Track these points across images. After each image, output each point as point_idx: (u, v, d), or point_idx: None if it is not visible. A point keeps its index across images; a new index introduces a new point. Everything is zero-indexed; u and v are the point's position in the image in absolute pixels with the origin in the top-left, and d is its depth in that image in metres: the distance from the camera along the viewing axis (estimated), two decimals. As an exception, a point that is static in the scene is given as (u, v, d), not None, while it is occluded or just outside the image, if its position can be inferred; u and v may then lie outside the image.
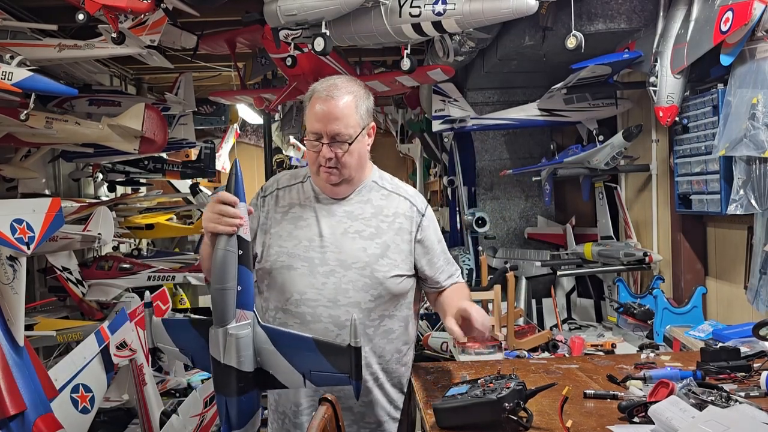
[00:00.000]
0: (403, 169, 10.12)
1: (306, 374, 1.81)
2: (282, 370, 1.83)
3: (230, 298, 1.78)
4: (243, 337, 1.79)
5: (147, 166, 6.46)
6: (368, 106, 2.11)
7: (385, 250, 2.09)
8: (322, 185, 2.15)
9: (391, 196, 2.16)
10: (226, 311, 1.78)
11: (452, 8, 2.98)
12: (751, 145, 2.53)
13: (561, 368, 2.38)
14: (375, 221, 2.11)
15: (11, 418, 2.60)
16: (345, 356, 1.73)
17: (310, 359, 1.79)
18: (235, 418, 1.84)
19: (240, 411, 1.83)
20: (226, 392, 1.82)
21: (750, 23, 2.48)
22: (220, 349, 1.79)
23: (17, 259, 2.70)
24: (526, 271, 4.49)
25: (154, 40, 3.66)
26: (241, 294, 1.80)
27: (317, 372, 1.79)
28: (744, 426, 1.43)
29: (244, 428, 1.86)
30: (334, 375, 1.77)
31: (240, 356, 1.79)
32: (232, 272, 1.78)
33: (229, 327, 1.78)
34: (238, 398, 1.81)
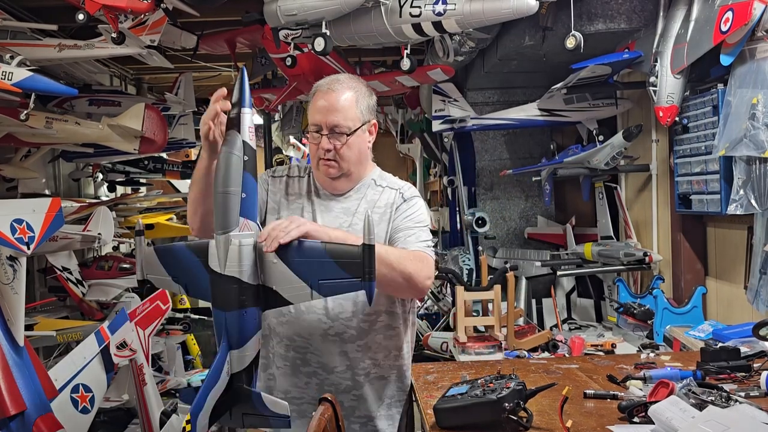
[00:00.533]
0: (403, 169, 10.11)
1: (314, 284, 1.71)
2: (287, 284, 1.73)
3: (234, 203, 1.69)
4: (246, 245, 1.71)
5: (147, 166, 6.45)
6: (369, 103, 2.14)
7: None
8: (322, 180, 2.17)
9: (385, 190, 2.18)
10: (229, 216, 1.70)
11: (452, 8, 2.99)
12: (751, 145, 2.53)
13: (561, 368, 2.38)
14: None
15: (11, 418, 2.60)
16: (356, 257, 1.65)
17: (319, 267, 1.70)
18: (236, 335, 1.74)
19: (241, 327, 1.73)
20: (226, 306, 1.72)
21: (750, 23, 2.49)
22: (221, 258, 1.71)
23: (17, 259, 2.70)
24: (526, 271, 4.49)
25: (154, 40, 3.66)
26: (246, 201, 1.72)
27: (327, 280, 1.70)
28: (744, 426, 1.43)
29: (244, 348, 1.76)
30: (345, 281, 1.68)
31: (242, 265, 1.70)
32: (237, 176, 1.69)
33: (231, 233, 1.70)
34: (239, 311, 1.72)
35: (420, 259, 2.02)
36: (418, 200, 2.18)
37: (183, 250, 1.86)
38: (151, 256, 1.88)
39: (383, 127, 8.34)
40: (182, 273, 1.86)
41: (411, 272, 1.96)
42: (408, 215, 2.12)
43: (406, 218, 2.12)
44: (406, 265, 1.95)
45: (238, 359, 1.76)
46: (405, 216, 2.12)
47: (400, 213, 2.12)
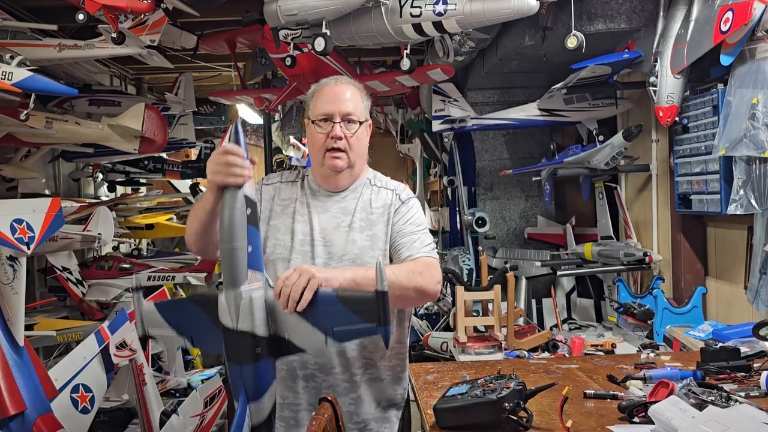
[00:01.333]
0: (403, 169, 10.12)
1: (328, 332, 1.70)
2: (300, 332, 1.73)
3: (241, 258, 1.68)
4: (257, 298, 1.71)
5: (147, 166, 6.46)
6: (367, 103, 2.19)
7: (375, 242, 2.11)
8: (324, 176, 2.18)
9: (381, 191, 2.20)
10: (238, 272, 1.68)
11: (453, 8, 2.99)
12: (751, 145, 2.53)
13: (561, 368, 2.38)
14: (364, 214, 2.15)
15: (11, 418, 2.60)
16: (370, 304, 1.65)
17: (332, 315, 1.70)
18: (253, 388, 1.73)
19: (258, 380, 1.73)
20: (241, 361, 1.71)
21: (750, 23, 2.49)
22: (232, 314, 1.70)
23: (17, 259, 2.70)
24: (526, 271, 4.49)
25: (154, 40, 3.66)
26: (252, 254, 1.71)
27: (341, 327, 1.70)
28: (744, 426, 1.43)
29: (262, 399, 1.75)
30: (360, 327, 1.68)
31: (255, 319, 1.69)
32: (242, 231, 1.69)
33: (242, 289, 1.69)
34: (255, 365, 1.71)
35: (428, 266, 2.04)
36: (415, 201, 2.21)
37: (187, 304, 1.87)
38: (151, 312, 1.86)
39: (383, 127, 8.34)
40: (187, 326, 1.86)
41: (422, 285, 1.98)
42: (408, 219, 2.14)
43: (407, 222, 2.13)
44: (416, 280, 1.97)
45: (257, 411, 1.76)
46: (405, 220, 2.13)
47: (400, 216, 2.14)
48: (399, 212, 2.14)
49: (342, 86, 2.14)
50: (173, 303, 1.92)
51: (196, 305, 1.82)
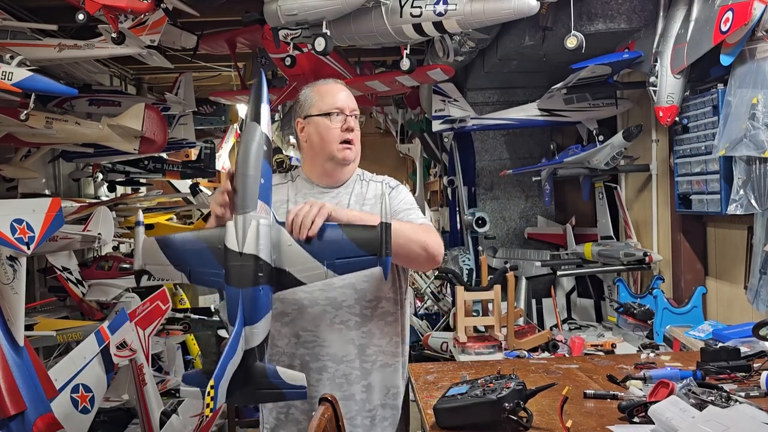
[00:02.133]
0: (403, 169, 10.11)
1: (329, 264, 1.79)
2: (301, 264, 1.80)
3: (253, 186, 1.78)
4: (264, 225, 1.79)
5: (147, 166, 6.45)
6: None
7: None
8: (329, 170, 2.24)
9: (370, 183, 2.30)
10: (249, 198, 1.78)
11: (453, 9, 2.99)
12: (751, 145, 2.53)
13: (561, 368, 2.38)
14: (358, 207, 2.21)
15: (11, 418, 2.60)
16: (373, 235, 1.74)
17: (335, 246, 1.78)
18: (250, 311, 1.78)
19: (256, 304, 1.78)
20: (242, 283, 1.77)
21: (750, 23, 2.49)
22: (239, 237, 1.77)
23: (17, 259, 2.70)
24: (526, 271, 4.49)
25: (154, 40, 3.66)
26: (263, 187, 1.80)
27: (342, 259, 1.78)
28: (744, 426, 1.43)
29: (257, 324, 1.80)
30: (360, 258, 1.76)
31: (260, 243, 1.77)
32: (257, 161, 1.79)
33: (251, 213, 1.77)
34: (255, 288, 1.77)
35: (429, 230, 2.14)
36: (404, 187, 2.33)
37: (188, 238, 1.92)
38: (152, 244, 1.92)
39: (383, 127, 8.34)
40: (186, 260, 1.91)
41: (426, 242, 2.05)
42: (401, 199, 2.24)
43: (400, 202, 2.23)
44: (420, 236, 2.05)
45: (251, 335, 1.79)
46: (399, 200, 2.24)
47: (392, 199, 2.23)
48: (391, 197, 2.23)
49: (342, 86, 2.26)
50: (174, 237, 1.95)
51: (198, 239, 1.89)
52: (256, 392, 1.81)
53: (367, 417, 2.16)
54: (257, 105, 1.87)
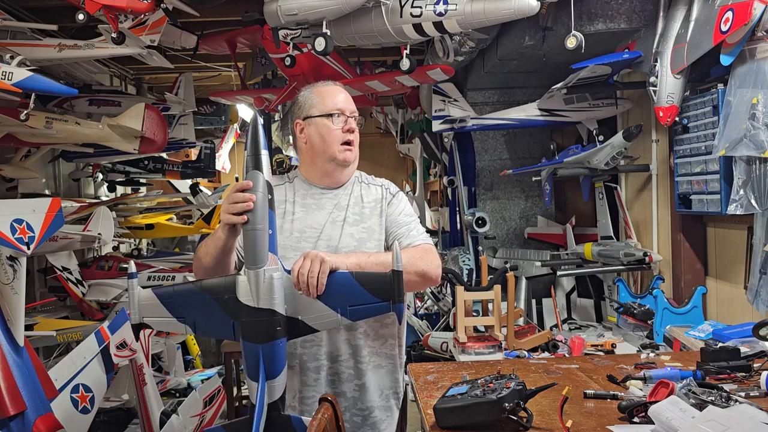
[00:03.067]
0: (403, 169, 10.11)
1: (343, 311, 1.80)
2: (315, 313, 1.81)
3: (263, 239, 1.78)
4: (277, 278, 1.78)
5: (147, 166, 6.46)
6: None
7: (371, 234, 2.21)
8: (329, 171, 2.25)
9: (369, 186, 2.31)
10: (260, 252, 1.77)
11: (454, 9, 2.99)
12: (751, 145, 2.53)
13: (561, 368, 2.38)
14: (358, 208, 2.24)
15: (11, 418, 2.60)
16: (386, 283, 1.75)
17: (347, 294, 1.79)
18: (271, 365, 1.79)
19: (275, 357, 1.79)
20: (260, 338, 1.78)
21: (750, 23, 2.49)
22: (254, 292, 1.77)
23: (17, 259, 2.70)
24: (526, 271, 4.49)
25: (154, 40, 3.66)
26: (271, 238, 1.81)
27: (356, 306, 1.79)
28: (744, 426, 1.43)
29: (278, 378, 1.81)
30: (374, 305, 1.77)
31: (275, 297, 1.77)
32: (264, 214, 1.79)
33: (264, 268, 1.77)
34: (273, 343, 1.78)
35: (427, 251, 2.16)
36: (403, 195, 2.35)
37: (191, 290, 1.88)
38: (150, 298, 1.90)
39: (383, 127, 8.34)
40: (190, 312, 1.88)
41: (424, 269, 2.09)
42: (401, 210, 2.27)
43: (401, 213, 2.26)
44: (418, 265, 2.08)
45: (271, 389, 1.81)
46: (399, 211, 2.26)
47: (394, 208, 2.26)
48: (392, 204, 2.27)
49: (342, 88, 2.28)
50: (175, 289, 1.91)
51: (203, 291, 1.85)
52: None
53: (358, 416, 2.19)
54: (256, 151, 1.82)
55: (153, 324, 1.91)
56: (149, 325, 1.91)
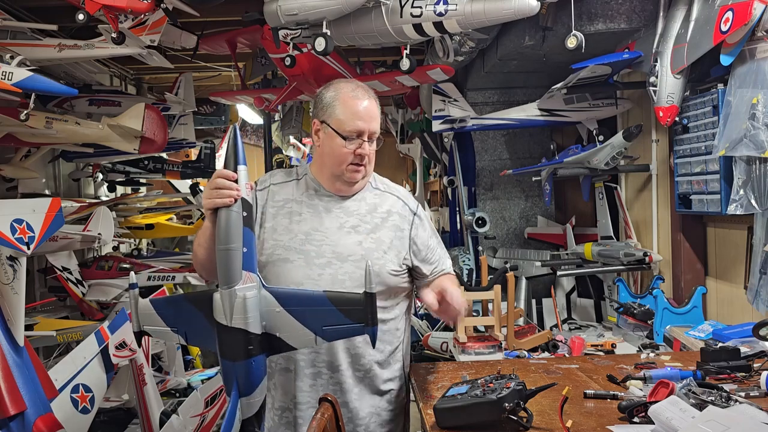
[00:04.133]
0: (403, 169, 10.11)
1: (318, 331, 1.80)
2: (291, 331, 1.81)
3: (236, 259, 1.76)
4: (251, 297, 1.78)
5: (147, 166, 6.45)
6: None
7: (380, 245, 2.15)
8: (335, 183, 2.19)
9: (384, 195, 2.25)
10: (233, 272, 1.76)
11: (454, 9, 2.98)
12: (751, 145, 2.53)
13: (561, 368, 2.38)
14: (369, 217, 2.18)
15: (11, 418, 2.60)
16: (359, 305, 1.74)
17: (322, 314, 1.78)
18: (245, 383, 1.80)
19: (250, 375, 1.80)
20: (234, 357, 1.79)
21: (750, 23, 2.49)
22: (226, 312, 1.77)
23: (17, 259, 2.70)
24: (526, 271, 4.49)
25: (154, 40, 3.66)
26: (247, 256, 1.79)
27: (330, 327, 1.79)
28: (744, 426, 1.43)
29: (253, 394, 1.83)
30: (348, 326, 1.77)
31: (248, 317, 1.77)
32: (238, 232, 1.77)
33: (236, 288, 1.76)
34: (246, 362, 1.79)
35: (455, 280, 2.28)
36: (422, 208, 2.31)
37: (182, 302, 1.91)
38: (147, 308, 1.92)
39: (383, 127, 8.34)
40: (182, 323, 1.91)
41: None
42: (429, 232, 2.26)
43: (430, 237, 2.26)
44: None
45: (247, 405, 1.83)
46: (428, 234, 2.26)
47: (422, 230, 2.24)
48: (416, 226, 2.23)
49: (370, 101, 2.15)
50: (168, 300, 1.97)
51: (190, 303, 1.88)
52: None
53: (360, 425, 2.17)
54: (233, 167, 1.81)
55: (152, 332, 1.94)
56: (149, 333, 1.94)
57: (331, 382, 2.13)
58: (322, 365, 2.13)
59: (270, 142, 7.61)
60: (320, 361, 2.13)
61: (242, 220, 1.78)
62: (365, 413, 2.17)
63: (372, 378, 2.17)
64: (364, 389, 2.16)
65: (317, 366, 2.13)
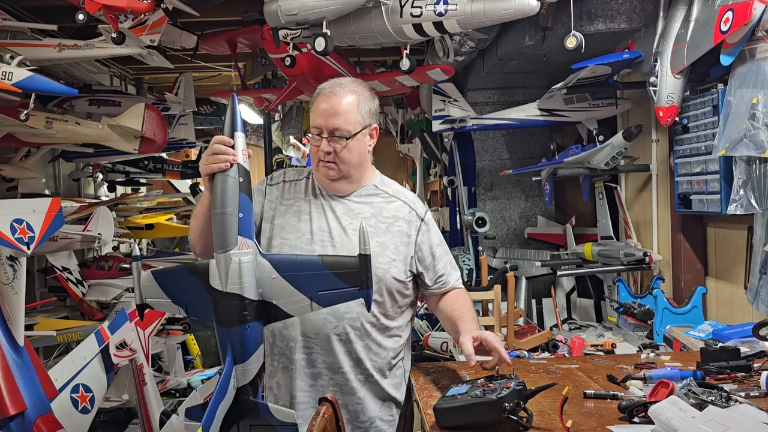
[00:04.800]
0: (403, 169, 10.11)
1: (313, 296, 1.79)
2: (287, 298, 1.81)
3: (231, 223, 1.77)
4: (246, 262, 1.78)
5: (147, 166, 6.45)
6: (371, 107, 2.17)
7: (383, 250, 2.14)
8: (322, 181, 2.20)
9: (391, 199, 2.22)
10: (228, 236, 1.77)
11: (454, 9, 2.98)
12: (751, 145, 2.53)
13: (561, 368, 2.38)
14: (374, 221, 2.16)
15: (11, 418, 2.60)
16: (353, 268, 1.74)
17: (317, 279, 1.78)
18: (240, 350, 1.79)
19: (244, 342, 1.79)
20: (229, 323, 1.79)
21: (750, 23, 2.48)
22: (222, 276, 1.77)
23: (17, 259, 2.70)
24: (526, 271, 4.49)
25: (154, 40, 3.66)
26: (243, 221, 1.79)
27: (325, 291, 1.78)
28: (744, 426, 1.43)
29: (248, 362, 1.81)
30: (344, 291, 1.77)
31: (243, 282, 1.77)
32: (234, 197, 1.78)
33: (231, 252, 1.76)
34: (241, 327, 1.78)
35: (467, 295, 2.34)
36: (429, 214, 2.29)
37: (181, 272, 1.91)
38: (149, 280, 1.92)
39: (383, 127, 8.34)
40: (181, 294, 1.91)
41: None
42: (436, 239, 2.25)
43: (437, 244, 2.25)
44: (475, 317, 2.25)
45: (242, 373, 1.81)
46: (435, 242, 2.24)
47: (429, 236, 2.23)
48: (423, 232, 2.22)
49: (336, 98, 2.10)
50: (169, 271, 1.95)
51: (190, 273, 1.88)
52: (250, 428, 1.83)
53: (359, 428, 2.16)
54: (231, 133, 1.82)
55: (153, 305, 1.94)
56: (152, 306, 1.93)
57: (332, 383, 2.13)
58: (322, 366, 2.13)
59: (270, 142, 7.61)
60: (320, 362, 2.13)
61: (239, 186, 1.79)
62: (366, 417, 2.16)
63: (373, 384, 2.17)
64: (366, 394, 2.16)
65: (317, 366, 2.13)
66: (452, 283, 2.28)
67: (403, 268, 2.16)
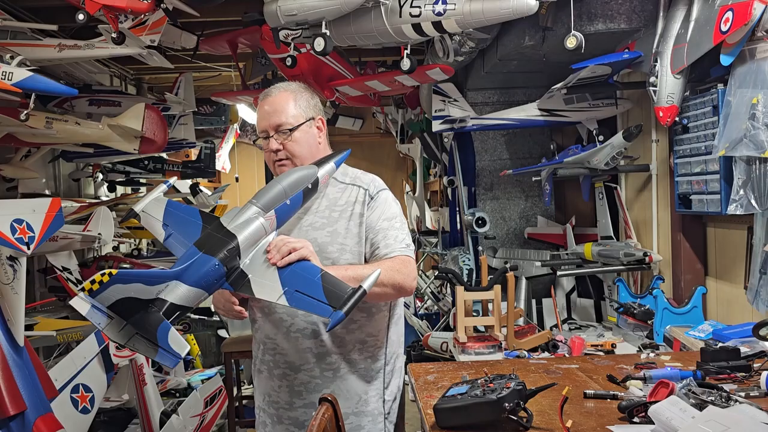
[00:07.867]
0: (403, 169, 10.11)
1: (288, 291, 1.79)
2: (263, 277, 1.83)
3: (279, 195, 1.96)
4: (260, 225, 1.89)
5: (147, 166, 6.46)
6: (310, 101, 2.24)
7: (335, 238, 2.14)
8: None
9: (347, 188, 2.22)
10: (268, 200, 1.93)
11: (452, 8, 2.98)
12: (751, 145, 2.53)
13: (561, 368, 2.38)
14: (327, 212, 2.18)
15: (11, 418, 2.60)
16: (344, 292, 1.74)
17: (303, 281, 1.79)
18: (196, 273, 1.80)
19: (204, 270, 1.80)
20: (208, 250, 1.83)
21: (750, 23, 2.48)
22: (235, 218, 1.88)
23: (17, 259, 2.70)
24: (526, 271, 4.49)
25: (154, 40, 3.66)
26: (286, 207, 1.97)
27: (301, 293, 1.77)
28: (744, 426, 1.43)
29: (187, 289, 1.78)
30: (317, 302, 1.75)
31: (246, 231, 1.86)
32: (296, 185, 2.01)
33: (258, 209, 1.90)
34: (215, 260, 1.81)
35: (405, 263, 2.11)
36: (386, 194, 2.22)
37: (192, 211, 2.01)
38: (161, 201, 2.04)
39: (383, 127, 8.34)
40: (175, 225, 2.00)
41: (400, 282, 2.07)
42: (380, 214, 2.17)
43: (379, 218, 2.16)
44: (395, 278, 2.06)
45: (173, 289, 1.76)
46: (378, 216, 2.16)
47: (372, 211, 2.17)
48: (371, 207, 2.18)
49: (271, 98, 2.21)
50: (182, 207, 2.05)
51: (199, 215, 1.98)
52: (135, 335, 1.82)
53: None
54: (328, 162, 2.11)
55: (143, 218, 2.03)
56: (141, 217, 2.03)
57: (296, 383, 2.14)
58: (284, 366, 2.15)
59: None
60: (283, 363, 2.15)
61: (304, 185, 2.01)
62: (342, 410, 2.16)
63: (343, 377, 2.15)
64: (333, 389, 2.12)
65: (281, 367, 2.15)
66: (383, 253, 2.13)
67: (358, 249, 2.14)
